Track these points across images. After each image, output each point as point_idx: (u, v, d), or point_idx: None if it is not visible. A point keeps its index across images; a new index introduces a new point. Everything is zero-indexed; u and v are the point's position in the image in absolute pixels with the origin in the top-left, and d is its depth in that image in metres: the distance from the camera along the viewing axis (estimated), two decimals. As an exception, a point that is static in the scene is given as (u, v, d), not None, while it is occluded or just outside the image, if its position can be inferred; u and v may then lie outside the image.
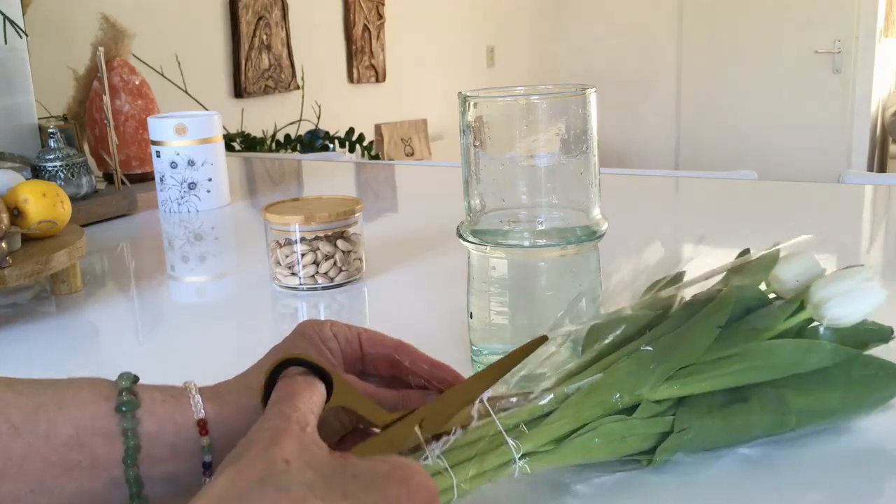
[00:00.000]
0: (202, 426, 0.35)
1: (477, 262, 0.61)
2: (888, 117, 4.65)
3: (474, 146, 0.58)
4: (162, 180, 1.28)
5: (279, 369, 0.36)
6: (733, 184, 1.43)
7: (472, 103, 0.58)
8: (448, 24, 4.06)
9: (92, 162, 1.43)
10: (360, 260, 0.88)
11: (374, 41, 3.52)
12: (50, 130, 1.19)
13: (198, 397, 0.36)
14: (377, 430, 0.40)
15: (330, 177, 1.68)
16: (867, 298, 0.49)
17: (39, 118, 1.35)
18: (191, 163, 1.26)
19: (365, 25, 3.46)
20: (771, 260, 0.54)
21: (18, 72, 1.27)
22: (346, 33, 3.41)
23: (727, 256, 0.57)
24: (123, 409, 0.34)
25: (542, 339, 0.47)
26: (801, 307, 0.50)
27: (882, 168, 4.87)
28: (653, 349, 0.48)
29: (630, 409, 0.46)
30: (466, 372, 0.47)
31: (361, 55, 3.46)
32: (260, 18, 2.91)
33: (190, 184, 1.27)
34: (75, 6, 2.11)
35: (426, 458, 0.40)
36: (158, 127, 1.27)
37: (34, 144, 1.28)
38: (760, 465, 0.48)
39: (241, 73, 2.85)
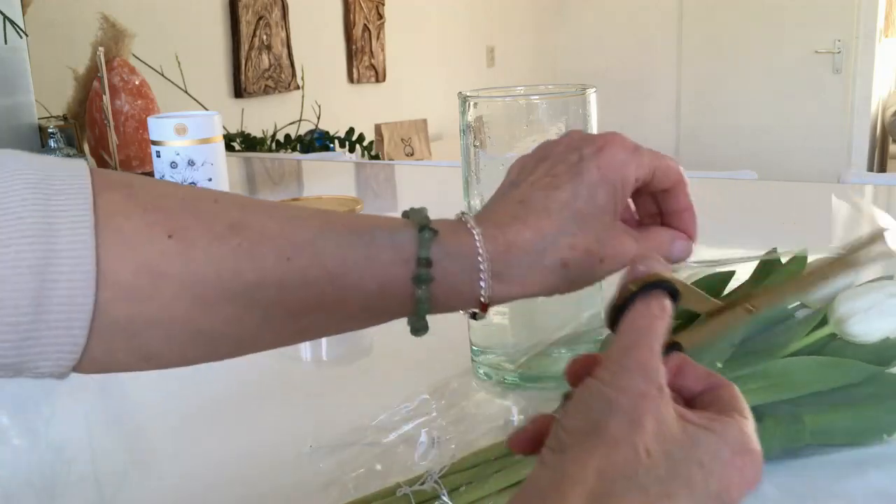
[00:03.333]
0: (483, 307, 0.40)
1: (477, 262, 0.61)
2: (888, 117, 4.65)
3: (474, 146, 0.58)
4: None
5: (632, 297, 0.34)
6: (733, 184, 1.43)
7: (472, 103, 0.58)
8: (448, 24, 4.06)
9: (92, 162, 1.43)
10: (360, 260, 0.88)
11: (374, 41, 3.52)
12: (50, 130, 1.19)
13: (488, 281, 0.39)
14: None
15: (330, 177, 1.68)
16: (893, 315, 0.47)
17: (39, 118, 1.36)
18: (191, 163, 1.26)
19: (365, 25, 3.46)
20: (798, 269, 0.51)
21: (18, 72, 1.27)
22: (346, 33, 3.41)
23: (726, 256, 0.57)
24: (419, 281, 0.38)
25: (882, 232, 0.44)
26: (824, 321, 0.48)
27: (882, 168, 4.87)
28: None
29: None
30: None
31: (361, 55, 3.46)
32: (260, 18, 2.91)
33: (190, 184, 1.27)
34: (75, 6, 2.11)
35: (423, 482, 0.43)
36: (158, 127, 1.27)
37: (34, 144, 1.28)
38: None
39: (241, 73, 2.85)
